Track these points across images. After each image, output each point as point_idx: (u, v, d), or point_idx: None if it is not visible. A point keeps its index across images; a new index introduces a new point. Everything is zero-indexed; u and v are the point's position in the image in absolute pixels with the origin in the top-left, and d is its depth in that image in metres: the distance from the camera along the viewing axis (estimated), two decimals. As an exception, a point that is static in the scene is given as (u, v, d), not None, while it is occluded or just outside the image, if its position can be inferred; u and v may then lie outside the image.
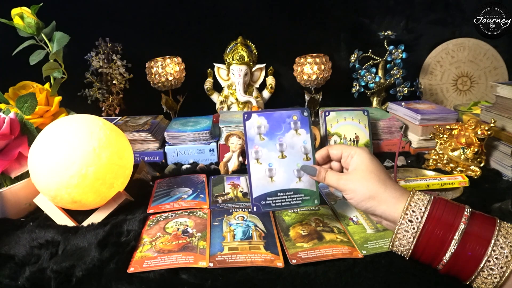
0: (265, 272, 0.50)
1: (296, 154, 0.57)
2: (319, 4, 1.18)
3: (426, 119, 0.96)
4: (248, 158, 0.56)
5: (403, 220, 0.46)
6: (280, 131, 0.57)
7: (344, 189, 0.51)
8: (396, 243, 0.48)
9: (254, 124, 0.57)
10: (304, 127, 0.58)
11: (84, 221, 0.63)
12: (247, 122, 0.57)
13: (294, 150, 0.57)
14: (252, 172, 0.56)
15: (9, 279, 0.49)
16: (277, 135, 0.57)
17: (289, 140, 0.57)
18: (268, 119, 0.58)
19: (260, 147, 0.57)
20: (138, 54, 1.11)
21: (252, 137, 0.57)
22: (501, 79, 1.22)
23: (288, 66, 1.17)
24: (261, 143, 0.57)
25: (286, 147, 0.57)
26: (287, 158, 0.57)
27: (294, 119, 0.58)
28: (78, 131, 0.61)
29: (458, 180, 0.74)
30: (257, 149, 0.57)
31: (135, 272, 0.51)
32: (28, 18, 0.79)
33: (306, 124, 0.58)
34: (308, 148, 0.57)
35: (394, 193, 0.48)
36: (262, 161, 0.56)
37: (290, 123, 0.58)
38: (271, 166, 0.56)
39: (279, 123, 0.58)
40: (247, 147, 0.57)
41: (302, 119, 0.58)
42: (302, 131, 0.58)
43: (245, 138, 0.57)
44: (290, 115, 0.58)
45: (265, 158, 0.56)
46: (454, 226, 0.44)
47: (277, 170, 0.56)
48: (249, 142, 0.57)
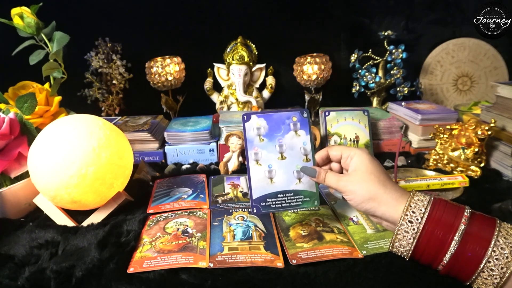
0: (265, 272, 0.50)
1: (295, 155, 0.57)
2: (319, 4, 1.18)
3: (426, 119, 0.96)
4: (247, 160, 0.56)
5: (403, 221, 0.46)
6: (280, 132, 0.57)
7: (344, 190, 0.51)
8: (396, 244, 0.48)
9: (253, 126, 0.57)
10: (304, 128, 0.58)
11: (84, 221, 0.63)
12: (246, 124, 0.57)
13: (293, 151, 0.57)
14: (252, 173, 0.56)
15: (9, 279, 0.49)
16: (276, 136, 0.57)
17: (288, 141, 0.57)
18: (267, 120, 0.57)
19: (260, 149, 0.56)
20: (138, 54, 1.11)
21: (251, 138, 0.57)
22: (501, 79, 1.22)
23: (288, 66, 1.17)
24: (261, 145, 0.57)
25: (285, 148, 0.57)
26: (287, 160, 0.56)
27: (294, 120, 0.58)
28: (77, 131, 0.61)
29: (458, 180, 0.74)
30: (256, 151, 0.56)
31: (135, 272, 0.51)
32: (28, 18, 0.79)
33: (306, 125, 0.58)
34: (308, 149, 0.57)
35: (394, 194, 0.48)
36: (261, 162, 0.56)
37: (289, 124, 0.58)
38: (271, 167, 0.56)
39: (278, 124, 0.57)
40: (246, 148, 0.56)
41: (302, 120, 0.58)
42: (302, 132, 0.58)
43: (245, 140, 0.57)
44: (289, 116, 0.58)
45: (264, 160, 0.56)
46: (454, 226, 0.44)
47: (276, 172, 0.56)
48: (249, 144, 0.57)
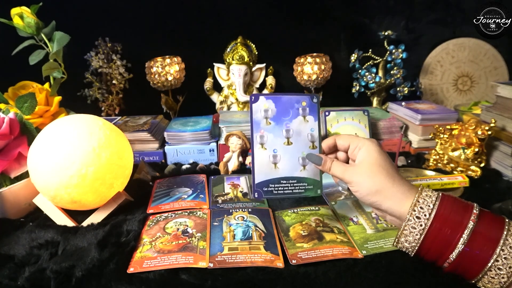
0: (265, 272, 0.50)
1: (302, 142, 0.55)
2: (319, 4, 1.18)
3: (426, 119, 0.96)
4: (252, 143, 0.55)
5: (411, 217, 0.45)
6: (288, 117, 0.55)
7: (350, 181, 0.50)
8: (401, 240, 0.47)
9: (261, 107, 0.55)
10: (313, 114, 0.56)
11: (84, 221, 0.63)
12: (254, 105, 0.55)
13: (300, 137, 0.55)
14: (256, 157, 0.54)
15: (8, 279, 0.49)
16: (284, 121, 0.55)
17: (296, 127, 0.55)
18: (276, 103, 0.55)
19: (266, 132, 0.55)
20: (138, 54, 1.11)
21: (258, 120, 0.55)
22: (502, 79, 1.22)
23: (288, 66, 1.17)
24: (267, 128, 0.55)
25: (292, 133, 0.55)
26: (293, 145, 0.55)
27: (303, 105, 0.56)
28: (77, 131, 0.61)
29: (458, 180, 0.74)
30: (262, 134, 0.54)
31: (135, 272, 0.51)
32: (28, 18, 0.79)
33: (315, 111, 0.56)
34: (315, 136, 0.55)
35: (401, 189, 0.47)
36: (267, 146, 0.54)
37: (298, 109, 0.55)
38: (276, 152, 0.54)
39: (287, 108, 0.55)
40: (252, 130, 0.54)
41: (311, 105, 0.56)
42: (310, 118, 0.56)
43: (251, 121, 0.54)
44: (299, 101, 0.56)
45: (270, 144, 0.54)
46: (462, 224, 0.44)
47: (281, 157, 0.54)
48: (255, 126, 0.54)
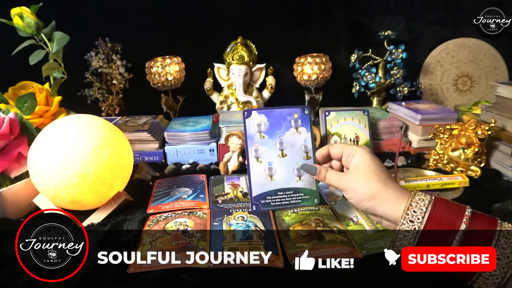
0: (265, 272, 0.50)
1: (296, 153, 0.56)
2: (319, 4, 1.17)
3: (426, 119, 0.96)
4: (247, 157, 0.56)
5: (404, 220, 0.46)
6: (281, 129, 0.57)
7: (345, 188, 0.51)
8: (396, 244, 0.48)
9: (254, 122, 0.56)
10: (305, 125, 0.57)
11: (84, 221, 0.63)
12: (247, 120, 0.56)
13: (294, 148, 0.56)
14: (252, 170, 0.55)
15: (9, 279, 0.49)
16: (277, 133, 0.56)
17: (289, 139, 0.56)
18: (268, 116, 0.57)
19: (260, 145, 0.56)
20: (138, 54, 1.11)
21: (252, 135, 0.56)
22: (502, 79, 1.22)
23: (288, 66, 1.17)
24: (261, 141, 0.56)
25: (286, 145, 0.56)
26: (287, 157, 0.56)
27: (295, 117, 0.57)
28: (78, 131, 0.61)
29: (458, 180, 0.74)
30: (257, 147, 0.56)
31: (135, 272, 0.51)
32: (28, 18, 0.79)
33: (307, 122, 0.57)
34: (309, 146, 0.57)
35: (395, 193, 0.48)
36: (262, 159, 0.56)
37: (290, 121, 0.57)
38: (271, 164, 0.56)
39: (279, 121, 0.57)
40: (247, 145, 0.56)
41: (303, 117, 0.57)
42: (303, 130, 0.57)
43: (245, 136, 0.56)
44: (290, 113, 0.57)
45: (265, 157, 0.56)
46: (455, 226, 0.44)
47: (277, 169, 0.56)
48: (249, 140, 0.56)
